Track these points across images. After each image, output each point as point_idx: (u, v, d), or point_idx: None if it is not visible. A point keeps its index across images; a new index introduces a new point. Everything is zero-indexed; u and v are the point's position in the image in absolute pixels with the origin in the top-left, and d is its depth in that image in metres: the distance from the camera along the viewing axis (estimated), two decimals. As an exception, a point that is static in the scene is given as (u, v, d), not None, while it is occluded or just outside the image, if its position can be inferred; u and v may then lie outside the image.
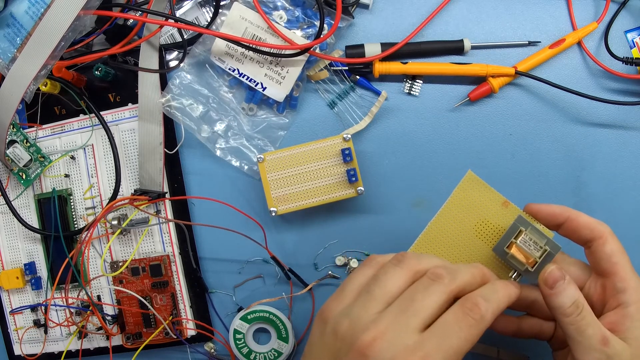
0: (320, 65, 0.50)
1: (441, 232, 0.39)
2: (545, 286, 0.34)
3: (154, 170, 0.50)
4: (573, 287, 0.34)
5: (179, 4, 0.50)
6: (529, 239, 0.36)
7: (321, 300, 0.51)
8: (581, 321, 0.33)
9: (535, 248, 0.36)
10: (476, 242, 0.39)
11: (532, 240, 0.36)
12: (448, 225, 0.39)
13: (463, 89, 0.50)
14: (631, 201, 0.49)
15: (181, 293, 0.51)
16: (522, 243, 0.36)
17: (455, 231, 0.39)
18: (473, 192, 0.39)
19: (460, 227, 0.39)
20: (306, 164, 0.48)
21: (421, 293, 0.32)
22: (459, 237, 0.39)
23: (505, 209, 0.38)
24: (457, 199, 0.39)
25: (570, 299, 0.33)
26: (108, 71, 0.50)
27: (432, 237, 0.39)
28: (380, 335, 0.30)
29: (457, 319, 0.31)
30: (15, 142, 0.52)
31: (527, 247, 0.36)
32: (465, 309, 0.31)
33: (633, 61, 0.47)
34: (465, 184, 0.39)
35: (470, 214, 0.39)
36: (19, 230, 0.54)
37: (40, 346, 0.54)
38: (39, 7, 0.44)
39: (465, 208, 0.39)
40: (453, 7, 0.50)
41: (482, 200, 0.39)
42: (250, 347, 0.51)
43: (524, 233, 0.37)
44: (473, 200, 0.39)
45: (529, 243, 0.36)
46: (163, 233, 0.51)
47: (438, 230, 0.39)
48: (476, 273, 0.34)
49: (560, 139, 0.50)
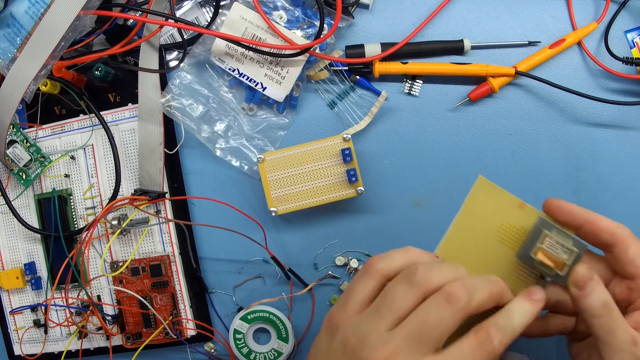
0: (320, 65, 0.50)
1: (458, 244, 0.37)
2: (575, 288, 0.33)
3: (154, 170, 0.50)
4: (602, 288, 0.33)
5: (179, 4, 0.50)
6: (555, 242, 0.35)
7: (321, 300, 0.51)
8: (611, 322, 0.32)
9: (563, 250, 0.34)
10: (496, 249, 0.37)
11: (558, 242, 0.34)
12: (464, 235, 0.37)
13: (463, 89, 0.50)
14: (631, 201, 0.49)
15: (181, 293, 0.51)
16: (548, 247, 0.34)
17: (473, 240, 0.37)
18: (487, 198, 0.37)
19: (477, 235, 0.37)
20: (306, 164, 0.48)
21: (434, 315, 0.31)
22: (477, 246, 0.37)
23: (523, 211, 0.37)
24: (471, 207, 0.37)
25: (599, 300, 0.32)
26: (108, 71, 0.50)
27: (450, 250, 0.37)
28: (391, 357, 0.30)
29: (472, 349, 0.31)
30: (15, 142, 0.52)
31: (554, 251, 0.34)
32: (480, 339, 0.31)
33: (633, 61, 0.47)
34: (477, 190, 0.37)
35: (487, 221, 0.37)
36: (19, 230, 0.54)
37: (40, 346, 0.54)
38: (39, 7, 0.44)
39: (481, 215, 0.37)
40: (453, 7, 0.50)
41: (498, 205, 0.37)
42: (250, 347, 0.51)
43: (549, 236, 0.35)
44: (488, 206, 0.37)
45: (556, 246, 0.34)
46: (163, 233, 0.51)
47: (455, 242, 0.37)
48: (494, 291, 0.33)
49: (560, 139, 0.50)
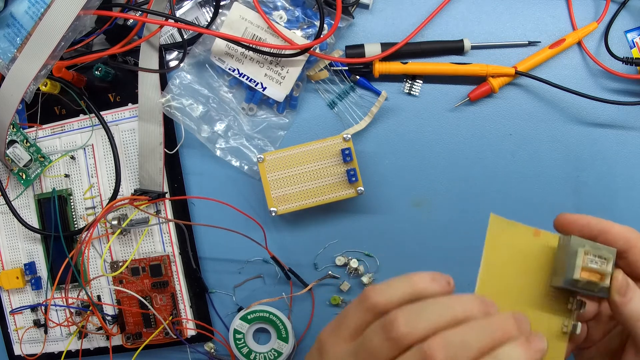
0: (320, 65, 0.50)
1: (491, 286, 0.36)
2: (619, 295, 0.32)
3: (154, 170, 0.50)
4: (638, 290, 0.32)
5: (179, 4, 0.50)
6: (592, 256, 0.33)
7: (321, 300, 0.51)
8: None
9: (601, 261, 0.33)
10: (526, 283, 0.36)
11: (595, 255, 0.33)
12: (495, 277, 0.36)
13: (463, 89, 0.50)
14: (631, 201, 0.49)
15: (181, 293, 0.51)
16: (590, 263, 0.33)
17: (503, 280, 0.36)
18: (503, 234, 0.36)
19: (506, 273, 0.35)
20: (306, 164, 0.48)
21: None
22: (508, 284, 0.36)
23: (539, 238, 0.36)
24: (492, 247, 0.36)
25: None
26: (108, 71, 0.50)
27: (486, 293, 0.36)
28: None
29: None
30: (15, 142, 0.52)
31: (595, 265, 0.33)
32: None
33: (633, 61, 0.47)
34: (493, 228, 0.36)
35: (511, 257, 0.36)
36: (19, 230, 0.54)
37: (40, 346, 0.54)
38: (39, 7, 0.44)
39: (504, 253, 0.36)
40: (453, 7, 0.50)
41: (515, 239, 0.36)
42: (250, 347, 0.51)
43: (587, 252, 0.33)
44: (507, 242, 0.36)
45: (595, 260, 0.33)
46: (163, 233, 0.51)
47: (488, 285, 0.36)
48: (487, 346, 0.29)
49: (560, 139, 0.50)
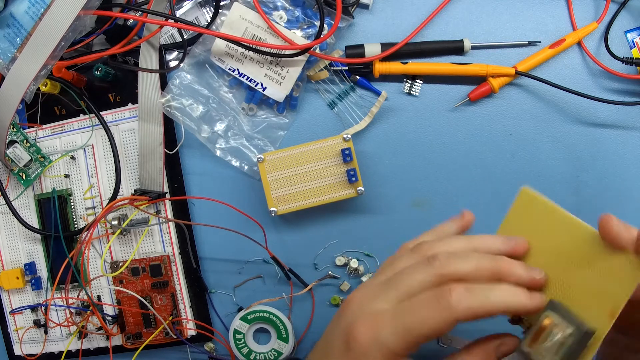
0: (320, 65, 0.50)
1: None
2: None
3: (154, 170, 0.50)
4: None
5: (179, 4, 0.50)
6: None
7: (321, 300, 0.51)
8: None
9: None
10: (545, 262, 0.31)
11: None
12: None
13: (463, 89, 0.50)
14: (631, 201, 0.49)
15: (181, 293, 0.51)
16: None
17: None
18: (532, 208, 0.31)
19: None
20: (306, 164, 0.48)
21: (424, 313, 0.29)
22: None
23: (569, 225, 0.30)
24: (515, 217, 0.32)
25: None
26: (108, 71, 0.50)
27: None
28: (361, 297, 0.32)
29: (428, 299, 0.29)
30: (15, 142, 0.52)
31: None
32: (437, 291, 0.29)
33: (633, 61, 0.47)
34: (522, 199, 0.32)
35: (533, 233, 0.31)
36: (19, 230, 0.54)
37: (40, 346, 0.54)
38: (39, 7, 0.44)
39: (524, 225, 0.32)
40: (453, 7, 0.50)
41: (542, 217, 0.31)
42: (250, 347, 0.51)
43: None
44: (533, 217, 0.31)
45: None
46: (163, 233, 0.51)
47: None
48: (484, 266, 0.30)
49: (560, 139, 0.50)
